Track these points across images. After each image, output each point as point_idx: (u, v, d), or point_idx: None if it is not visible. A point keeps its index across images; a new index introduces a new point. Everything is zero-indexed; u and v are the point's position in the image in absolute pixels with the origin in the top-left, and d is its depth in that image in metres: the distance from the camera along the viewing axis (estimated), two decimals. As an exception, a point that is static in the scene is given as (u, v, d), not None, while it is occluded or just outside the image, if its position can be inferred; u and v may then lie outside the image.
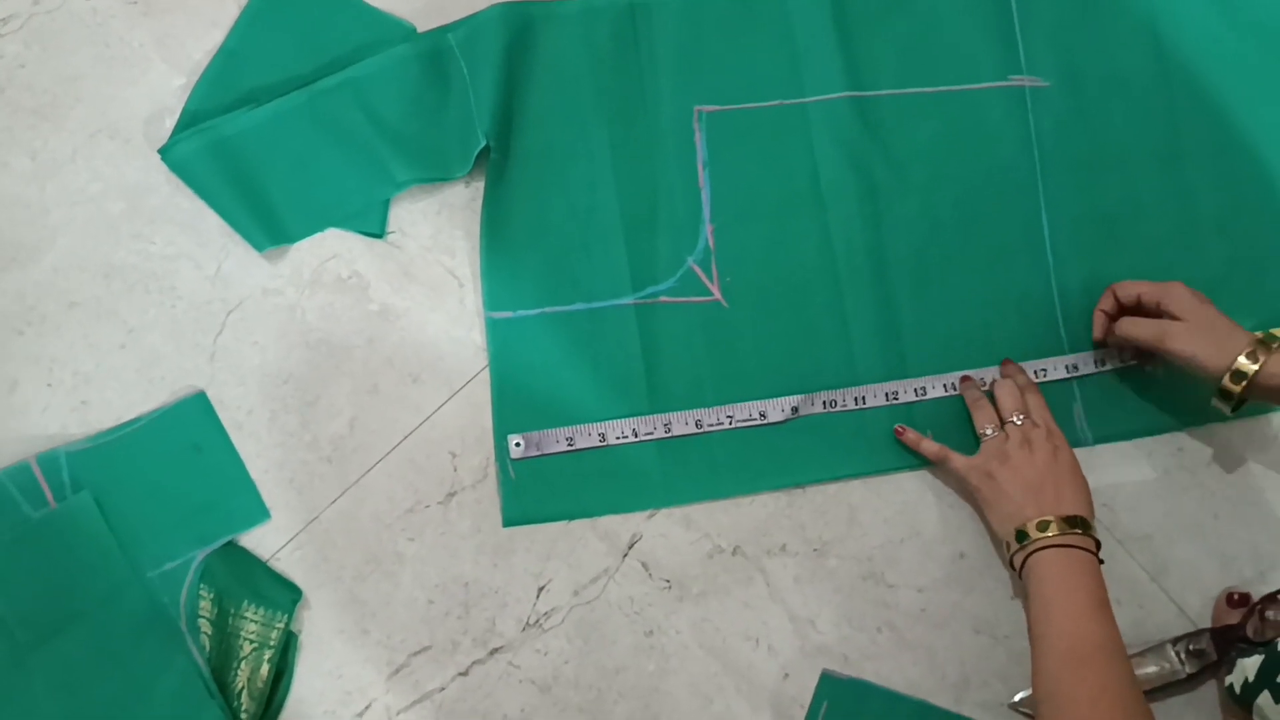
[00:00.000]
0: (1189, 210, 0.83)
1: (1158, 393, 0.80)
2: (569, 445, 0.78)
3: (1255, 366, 0.70)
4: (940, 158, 0.83)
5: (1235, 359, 0.70)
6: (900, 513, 0.78)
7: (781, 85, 0.83)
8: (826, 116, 0.82)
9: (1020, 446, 0.74)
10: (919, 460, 0.79)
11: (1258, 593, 0.75)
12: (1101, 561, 0.71)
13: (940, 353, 0.80)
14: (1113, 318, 0.78)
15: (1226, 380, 0.71)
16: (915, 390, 0.80)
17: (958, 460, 0.76)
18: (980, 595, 0.77)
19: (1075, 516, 0.71)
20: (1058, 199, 0.82)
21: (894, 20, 0.84)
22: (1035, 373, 0.80)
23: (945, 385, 0.80)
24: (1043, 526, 0.71)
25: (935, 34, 0.84)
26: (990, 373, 0.80)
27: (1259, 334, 0.72)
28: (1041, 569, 0.70)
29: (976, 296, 0.81)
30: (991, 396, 0.78)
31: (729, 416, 0.79)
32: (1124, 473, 0.79)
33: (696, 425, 0.79)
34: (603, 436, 0.78)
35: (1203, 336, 0.72)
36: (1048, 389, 0.79)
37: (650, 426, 0.78)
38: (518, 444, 0.78)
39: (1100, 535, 0.77)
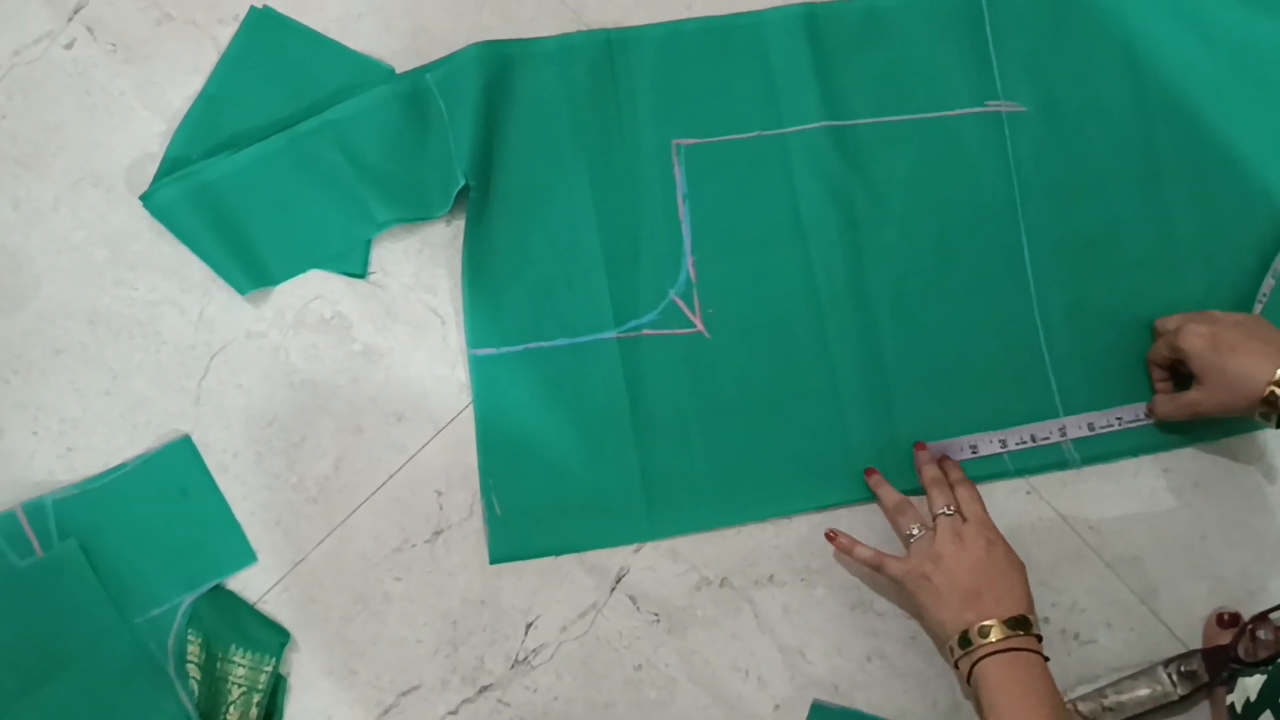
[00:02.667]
0: (1169, 233, 0.84)
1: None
2: (973, 453, 0.81)
3: None
4: (919, 186, 0.84)
5: (1261, 394, 0.71)
6: (887, 540, 0.79)
7: (759, 117, 0.84)
8: (805, 147, 0.84)
9: (951, 542, 0.73)
10: (902, 487, 0.79)
11: (1248, 612, 0.76)
12: (1046, 659, 0.70)
13: (924, 380, 0.82)
14: (1165, 365, 0.80)
15: (1257, 417, 0.73)
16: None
17: (893, 566, 0.75)
18: (969, 621, 0.78)
19: (1017, 617, 0.70)
20: (1037, 224, 0.84)
21: (870, 49, 0.86)
22: (1034, 437, 0.81)
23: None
24: (984, 632, 0.70)
25: (911, 62, 0.86)
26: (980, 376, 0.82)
27: None
28: (991, 678, 0.69)
29: (959, 323, 0.83)
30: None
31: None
32: (1111, 494, 0.81)
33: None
34: (1003, 444, 0.81)
35: (1222, 390, 0.74)
36: (1034, 406, 0.81)
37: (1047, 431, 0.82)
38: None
39: (1088, 557, 0.79)
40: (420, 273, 0.82)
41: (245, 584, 0.78)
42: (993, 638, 0.69)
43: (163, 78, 0.83)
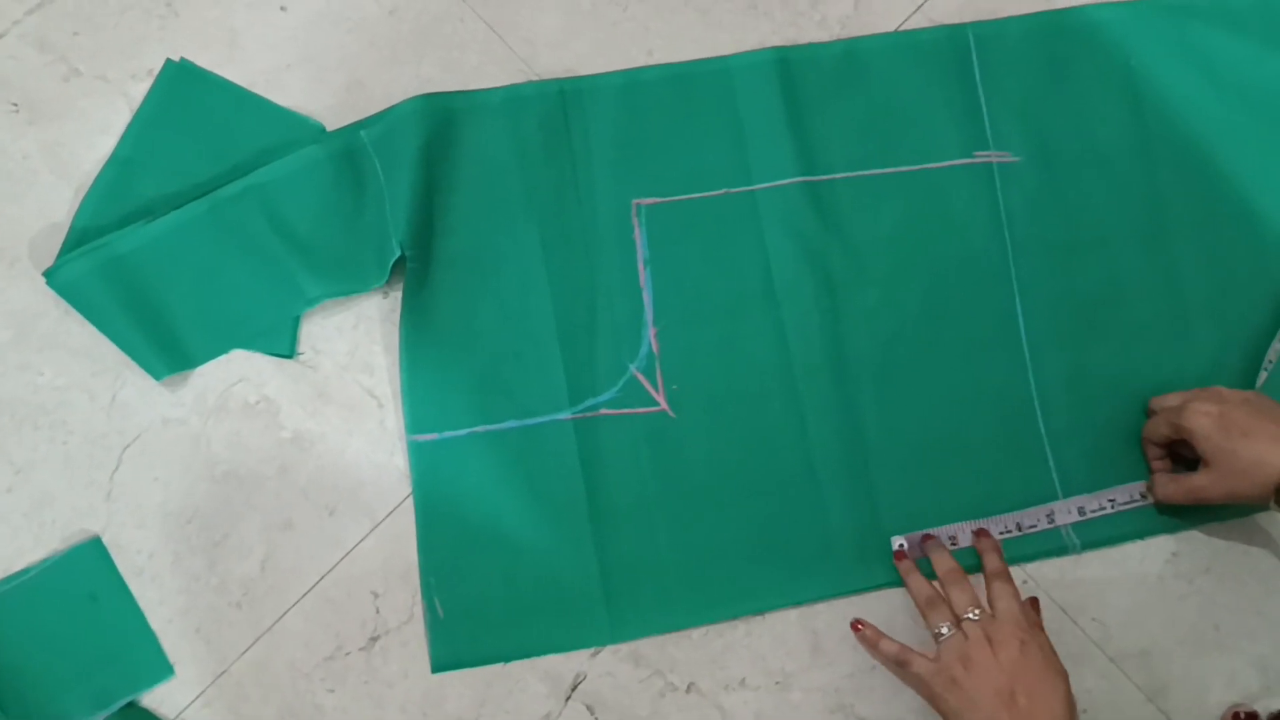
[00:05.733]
0: (1176, 292, 0.82)
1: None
2: (952, 545, 0.77)
3: None
4: (902, 244, 0.81)
5: (1276, 481, 0.69)
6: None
7: (727, 173, 0.81)
8: (777, 205, 0.81)
9: (981, 646, 0.70)
10: (887, 579, 0.77)
11: (1266, 709, 0.74)
12: None
13: (910, 460, 0.79)
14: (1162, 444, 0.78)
15: (1272, 506, 0.70)
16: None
17: (919, 664, 0.72)
18: (961, 728, 0.74)
19: None
20: (1032, 285, 0.81)
21: (848, 98, 0.83)
22: (1019, 526, 0.78)
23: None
24: None
25: (893, 111, 0.83)
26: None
27: None
28: None
29: (947, 396, 0.80)
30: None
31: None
32: (1115, 582, 0.78)
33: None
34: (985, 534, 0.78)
35: (1233, 477, 0.71)
36: (1030, 488, 0.78)
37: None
38: (901, 545, 0.77)
39: (1091, 653, 0.76)
40: (355, 351, 0.79)
41: (162, 699, 0.74)
42: None
43: (70, 139, 0.80)
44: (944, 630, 0.71)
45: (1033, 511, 0.78)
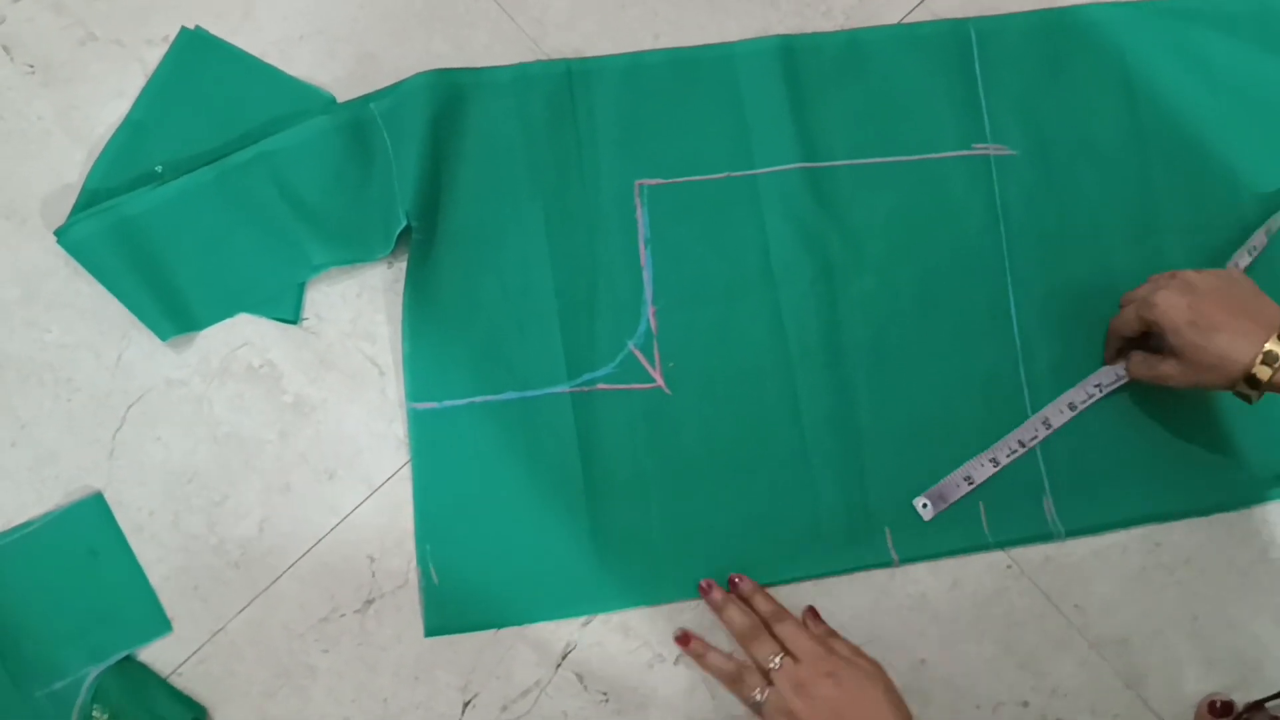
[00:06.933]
0: None
1: (1133, 483, 0.81)
2: (969, 485, 0.80)
3: (1268, 374, 0.69)
4: (899, 232, 0.83)
5: (1243, 373, 0.70)
6: (855, 617, 0.78)
7: (729, 156, 0.83)
8: (777, 189, 0.82)
9: (796, 695, 0.70)
10: (875, 560, 0.79)
11: (1242, 700, 0.76)
12: None
13: (900, 443, 0.80)
14: (1128, 338, 0.79)
15: (1236, 391, 0.72)
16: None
17: None
18: (942, 706, 0.77)
19: None
20: (1025, 275, 0.83)
21: (850, 87, 0.84)
22: (1020, 443, 0.80)
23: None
24: None
25: (894, 101, 0.85)
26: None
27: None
28: None
29: (938, 381, 0.82)
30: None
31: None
32: (1097, 570, 0.80)
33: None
34: (995, 462, 0.80)
35: (1199, 370, 0.72)
36: (1016, 473, 0.80)
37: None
38: (924, 505, 0.79)
39: (1072, 638, 0.78)
40: (358, 319, 0.80)
41: (158, 655, 0.76)
42: None
43: (84, 102, 0.81)
44: (758, 697, 0.72)
45: (1030, 424, 0.80)
